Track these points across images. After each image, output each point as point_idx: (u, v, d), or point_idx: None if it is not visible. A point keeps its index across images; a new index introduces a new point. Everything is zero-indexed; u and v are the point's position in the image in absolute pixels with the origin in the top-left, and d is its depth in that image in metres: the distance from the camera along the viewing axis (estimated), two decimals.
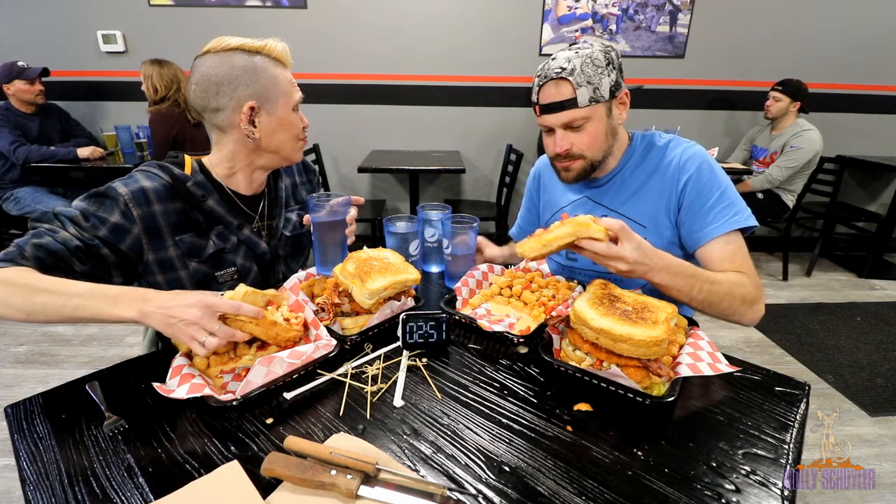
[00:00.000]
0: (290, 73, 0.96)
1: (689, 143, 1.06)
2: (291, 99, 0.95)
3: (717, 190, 0.97)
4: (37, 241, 0.79)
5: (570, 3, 3.14)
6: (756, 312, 0.93)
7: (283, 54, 0.94)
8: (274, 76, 0.92)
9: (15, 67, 2.70)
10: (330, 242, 1.02)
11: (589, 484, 0.57)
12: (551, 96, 0.97)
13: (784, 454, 0.62)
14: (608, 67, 0.96)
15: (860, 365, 2.21)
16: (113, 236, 0.86)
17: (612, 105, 1.00)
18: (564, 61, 0.95)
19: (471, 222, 1.14)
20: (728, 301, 0.90)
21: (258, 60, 0.90)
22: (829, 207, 3.16)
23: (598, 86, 0.95)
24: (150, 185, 0.90)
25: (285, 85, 0.94)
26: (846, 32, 3.25)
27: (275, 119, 0.94)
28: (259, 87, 0.90)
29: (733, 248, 0.96)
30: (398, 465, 0.59)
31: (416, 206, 2.06)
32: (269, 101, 0.92)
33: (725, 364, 0.75)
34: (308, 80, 3.21)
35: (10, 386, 1.98)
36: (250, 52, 0.90)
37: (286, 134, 0.97)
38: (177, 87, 2.57)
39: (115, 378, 0.77)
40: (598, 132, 0.99)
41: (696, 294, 0.87)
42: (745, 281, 0.92)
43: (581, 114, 0.96)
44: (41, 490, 0.55)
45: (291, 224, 1.13)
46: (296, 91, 0.97)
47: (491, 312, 0.98)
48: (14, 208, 2.81)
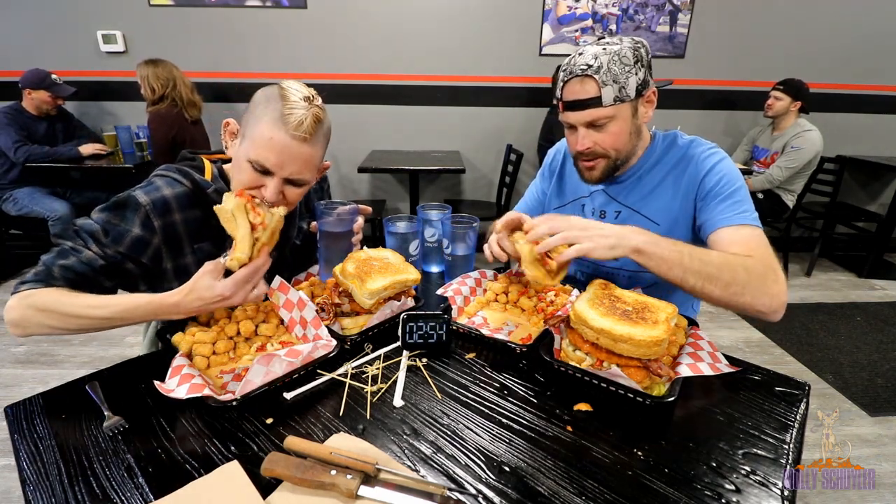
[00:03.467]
0: (289, 141, 0.81)
1: (712, 144, 1.06)
2: (251, 150, 0.82)
3: (733, 186, 0.97)
4: (63, 263, 0.80)
5: (570, 3, 3.14)
6: (774, 297, 0.82)
7: (290, 116, 0.80)
8: (260, 121, 0.82)
9: (48, 79, 2.74)
10: (335, 250, 1.02)
11: (589, 484, 0.57)
12: (575, 93, 0.95)
13: (784, 454, 0.62)
14: (636, 65, 0.93)
15: (860, 365, 2.21)
16: (134, 250, 0.85)
17: (639, 104, 0.98)
18: (591, 58, 0.92)
19: (471, 222, 1.14)
20: (730, 273, 0.81)
21: (273, 102, 0.82)
22: (829, 207, 3.16)
23: (625, 85, 0.93)
24: (172, 192, 0.88)
25: (259, 135, 0.81)
26: (846, 32, 3.25)
27: (238, 153, 0.87)
28: (249, 117, 0.85)
29: (745, 235, 0.91)
30: (398, 465, 0.59)
31: (416, 206, 2.06)
32: (244, 136, 0.85)
33: (725, 364, 0.75)
34: (308, 80, 3.18)
35: (10, 386, 1.98)
36: (280, 95, 0.83)
37: (237, 176, 0.87)
38: (173, 86, 2.57)
39: (115, 378, 0.77)
40: (622, 132, 0.97)
41: (688, 261, 0.81)
42: (749, 261, 0.84)
43: (605, 113, 0.94)
44: (41, 490, 0.55)
45: (303, 233, 1.13)
46: (262, 153, 0.82)
47: (488, 321, 0.95)
48: (13, 208, 2.81)
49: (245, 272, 0.77)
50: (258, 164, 0.83)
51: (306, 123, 0.81)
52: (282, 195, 0.87)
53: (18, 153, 2.66)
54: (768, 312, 0.83)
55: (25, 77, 2.72)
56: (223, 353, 0.78)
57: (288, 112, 0.80)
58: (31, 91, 2.73)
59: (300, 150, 0.83)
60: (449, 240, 1.13)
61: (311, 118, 0.82)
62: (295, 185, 0.88)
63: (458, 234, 1.13)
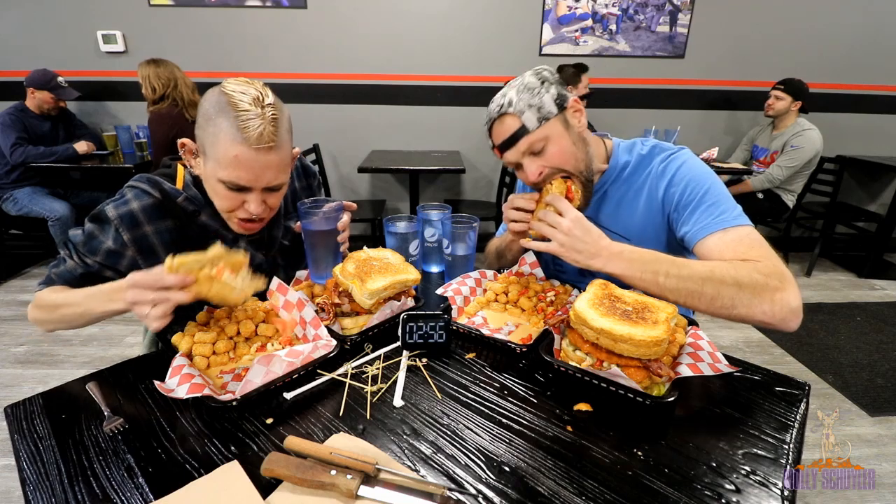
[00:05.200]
0: (254, 155, 0.79)
1: (671, 149, 1.02)
2: (220, 171, 0.81)
3: (700, 190, 0.93)
4: (55, 270, 0.91)
5: (570, 3, 3.14)
6: (777, 304, 0.75)
7: (247, 130, 0.77)
8: (217, 138, 0.79)
9: (54, 81, 2.78)
10: (322, 250, 1.00)
11: (589, 484, 0.57)
12: (502, 134, 0.95)
13: (784, 454, 0.62)
14: (543, 86, 0.92)
15: (860, 365, 2.21)
16: (109, 260, 0.90)
17: (566, 116, 0.95)
18: (500, 98, 0.94)
19: (471, 222, 1.14)
20: (713, 287, 0.77)
21: (224, 113, 0.79)
22: (829, 207, 3.16)
23: (541, 105, 0.91)
24: (139, 204, 0.88)
25: (222, 153, 0.80)
26: (847, 32, 3.25)
27: (206, 173, 0.86)
28: (203, 134, 0.82)
29: (733, 238, 0.85)
30: (398, 465, 0.59)
31: (416, 206, 2.06)
32: (206, 155, 0.84)
33: (726, 364, 0.75)
34: (308, 80, 3.21)
35: (10, 386, 1.98)
36: (228, 103, 0.79)
37: (215, 197, 0.88)
38: (174, 85, 2.57)
39: (115, 378, 0.77)
40: (564, 146, 0.95)
41: (663, 281, 0.79)
42: (744, 267, 0.78)
43: (536, 137, 0.92)
44: (41, 490, 0.55)
45: (291, 233, 1.11)
46: (233, 173, 0.81)
47: (488, 321, 0.95)
48: (13, 208, 2.82)
49: (147, 278, 0.71)
50: (232, 184, 0.82)
51: (266, 133, 0.78)
52: (264, 204, 0.87)
53: (14, 155, 2.69)
54: (774, 322, 0.76)
55: (32, 76, 2.74)
56: (223, 353, 0.78)
57: (243, 125, 0.77)
58: (34, 91, 2.75)
59: (268, 159, 0.81)
60: (449, 240, 1.13)
61: (269, 125, 0.79)
62: (274, 191, 0.88)
63: (458, 234, 1.13)
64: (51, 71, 2.78)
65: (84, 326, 0.89)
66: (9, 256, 3.12)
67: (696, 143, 3.41)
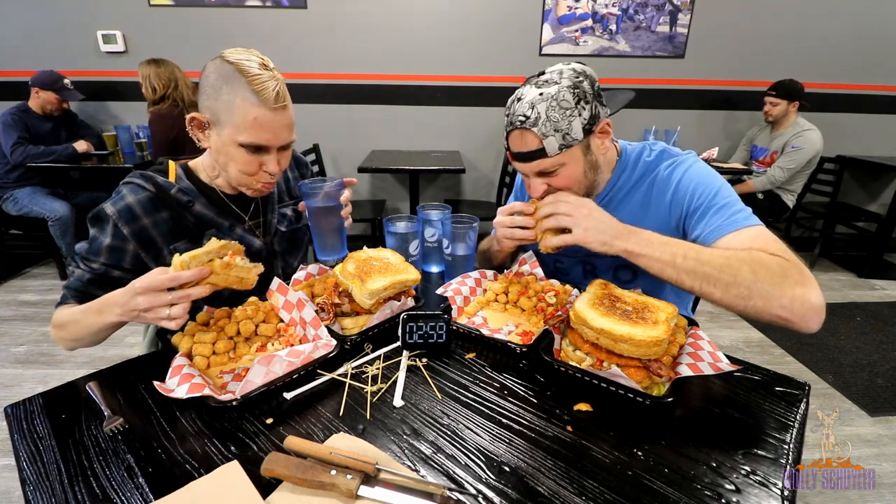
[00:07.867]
0: (272, 115, 0.85)
1: (676, 154, 1.01)
2: (240, 135, 0.85)
3: (710, 193, 0.91)
4: (66, 283, 0.92)
5: (570, 3, 3.14)
6: (796, 300, 0.72)
7: (265, 92, 0.83)
8: (233, 104, 0.84)
9: (60, 82, 2.79)
10: (327, 227, 1.01)
11: (589, 484, 0.57)
12: (518, 146, 0.91)
13: (784, 454, 0.62)
14: (578, 106, 0.86)
15: (860, 365, 2.21)
16: (113, 259, 0.91)
17: (590, 140, 0.92)
18: (528, 107, 0.87)
19: (471, 222, 1.14)
20: (731, 274, 0.74)
21: (235, 80, 0.83)
22: (829, 207, 3.16)
23: (568, 131, 0.87)
24: (135, 198, 0.91)
25: (240, 118, 0.84)
26: (846, 32, 3.25)
27: (220, 142, 0.89)
28: (216, 104, 0.86)
29: (747, 237, 0.83)
30: (398, 465, 0.59)
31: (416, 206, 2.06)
32: (220, 123, 0.87)
33: (726, 363, 0.74)
34: (308, 80, 3.21)
35: (10, 386, 1.98)
36: (237, 70, 0.83)
37: (231, 163, 0.91)
38: (175, 86, 2.57)
39: (115, 378, 0.77)
40: (574, 174, 0.93)
41: (681, 262, 0.78)
42: (763, 257, 0.76)
43: (552, 162, 0.90)
44: (41, 490, 0.55)
45: (286, 219, 1.13)
46: (254, 134, 0.86)
47: (488, 322, 0.95)
48: (13, 208, 2.82)
49: (158, 280, 0.71)
50: (253, 145, 0.87)
51: (281, 92, 0.85)
52: (279, 163, 0.93)
53: (14, 155, 2.70)
54: (794, 319, 0.73)
55: (38, 77, 2.75)
56: (223, 353, 0.78)
57: (259, 87, 0.83)
58: (39, 90, 2.76)
59: (283, 118, 0.88)
60: (449, 240, 1.13)
61: (282, 84, 0.86)
62: (286, 149, 0.95)
63: (458, 234, 1.13)
64: (57, 72, 2.79)
65: (96, 343, 0.89)
66: (9, 256, 3.12)
67: (695, 144, 3.42)
